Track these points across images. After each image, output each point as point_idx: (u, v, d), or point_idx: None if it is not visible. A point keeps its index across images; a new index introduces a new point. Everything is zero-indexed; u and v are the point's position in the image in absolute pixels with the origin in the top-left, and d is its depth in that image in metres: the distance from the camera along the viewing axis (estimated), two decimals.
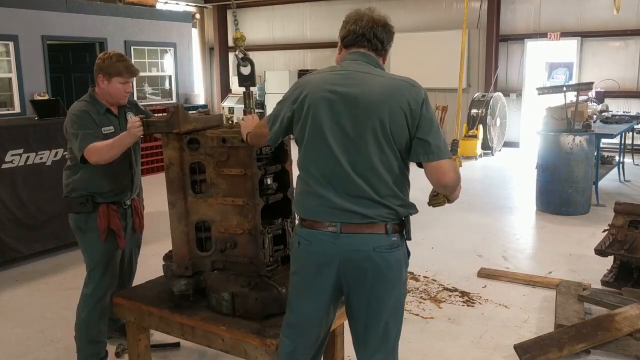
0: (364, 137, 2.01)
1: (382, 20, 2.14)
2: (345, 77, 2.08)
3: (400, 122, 2.01)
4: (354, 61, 2.13)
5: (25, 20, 9.29)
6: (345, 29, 2.15)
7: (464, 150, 10.79)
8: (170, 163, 2.68)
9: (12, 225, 4.97)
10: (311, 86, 2.11)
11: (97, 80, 3.12)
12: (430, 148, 2.01)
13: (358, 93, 2.02)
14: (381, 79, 2.08)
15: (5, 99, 9.48)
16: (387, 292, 2.11)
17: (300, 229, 2.16)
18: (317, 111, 2.06)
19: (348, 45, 2.17)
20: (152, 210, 6.41)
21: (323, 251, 2.09)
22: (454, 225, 6.33)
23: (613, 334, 3.30)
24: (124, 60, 3.15)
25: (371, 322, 2.15)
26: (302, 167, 2.15)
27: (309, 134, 2.08)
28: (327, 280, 2.12)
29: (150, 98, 11.61)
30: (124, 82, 3.13)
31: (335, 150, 2.04)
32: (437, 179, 2.06)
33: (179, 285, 2.72)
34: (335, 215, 2.06)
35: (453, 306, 4.17)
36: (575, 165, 6.48)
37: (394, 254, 2.09)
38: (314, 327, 2.23)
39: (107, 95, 3.14)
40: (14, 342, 3.71)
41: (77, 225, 3.17)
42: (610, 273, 4.37)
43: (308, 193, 2.12)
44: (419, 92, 2.04)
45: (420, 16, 12.50)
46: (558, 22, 11.08)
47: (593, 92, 9.60)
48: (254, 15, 14.90)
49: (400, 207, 2.09)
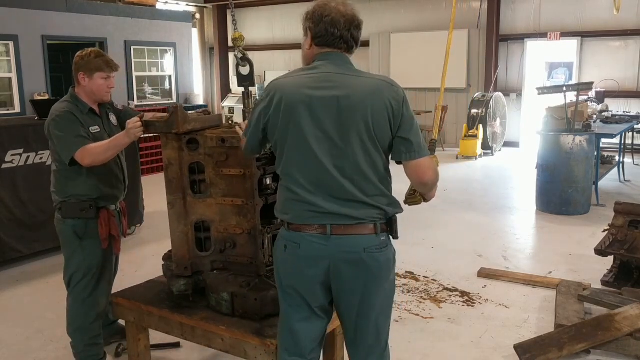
0: (349, 140, 1.99)
1: (357, 20, 2.08)
2: (322, 79, 2.02)
3: (383, 122, 1.99)
4: (328, 62, 2.07)
5: (25, 20, 9.28)
6: (319, 27, 2.04)
7: (464, 150, 10.79)
8: (169, 163, 2.69)
9: (12, 225, 4.97)
10: (287, 90, 2.03)
11: (78, 78, 3.06)
12: (412, 146, 2.02)
13: (339, 96, 1.98)
14: (360, 79, 2.04)
15: (5, 99, 9.47)
16: (378, 292, 2.10)
17: (287, 232, 2.10)
18: (297, 117, 2.00)
19: (322, 44, 2.08)
20: (152, 210, 6.42)
21: (313, 253, 2.05)
22: (454, 225, 6.33)
23: (613, 334, 3.30)
24: (102, 55, 3.11)
25: (363, 323, 2.14)
26: (286, 174, 2.08)
27: (291, 140, 2.03)
28: (317, 282, 2.09)
29: (150, 98, 11.60)
30: (106, 77, 3.08)
31: (321, 156, 2.00)
32: (418, 177, 2.06)
33: (178, 285, 2.72)
34: (324, 218, 2.03)
35: (453, 306, 4.17)
36: (575, 165, 6.48)
37: (384, 254, 2.08)
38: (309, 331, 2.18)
39: (89, 93, 3.08)
40: (14, 342, 3.71)
41: (73, 232, 3.07)
42: (611, 273, 4.37)
43: (293, 201, 2.06)
44: (398, 91, 2.03)
45: (420, 16, 12.50)
46: (558, 22, 11.07)
47: (593, 92, 9.59)
48: (254, 15, 14.90)
49: (388, 206, 2.08)
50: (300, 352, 2.17)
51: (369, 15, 13.11)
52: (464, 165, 10.22)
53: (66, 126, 2.94)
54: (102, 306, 3.23)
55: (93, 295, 3.16)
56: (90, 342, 3.21)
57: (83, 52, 3.11)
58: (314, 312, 2.16)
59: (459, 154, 10.88)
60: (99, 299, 3.20)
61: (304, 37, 2.15)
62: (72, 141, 2.91)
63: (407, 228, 6.26)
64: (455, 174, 9.37)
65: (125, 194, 3.31)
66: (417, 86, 12.09)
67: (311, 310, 2.15)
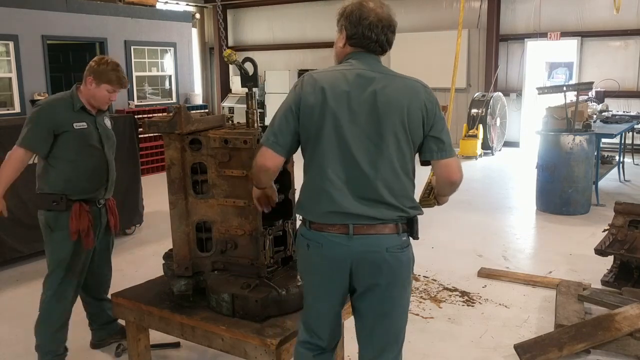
0: (385, 137, 2.00)
1: (393, 23, 2.09)
2: (360, 75, 2.04)
3: (417, 121, 2.03)
4: (361, 61, 2.09)
5: (25, 20, 9.27)
6: (356, 29, 2.05)
7: (464, 150, 10.80)
8: (171, 163, 2.69)
9: (12, 225, 4.96)
10: (325, 82, 2.03)
11: (86, 80, 3.11)
12: (443, 146, 2.06)
13: (376, 91, 2.01)
14: (396, 79, 2.08)
15: (5, 99, 9.46)
16: (400, 291, 2.13)
17: (309, 232, 2.11)
18: (335, 110, 2.00)
19: (357, 45, 2.10)
20: (152, 210, 6.42)
21: (335, 253, 2.06)
22: (454, 225, 6.33)
23: (613, 334, 3.31)
24: (118, 70, 3.14)
25: (381, 321, 2.15)
26: (317, 167, 2.06)
27: (327, 133, 2.02)
28: (340, 281, 2.11)
29: (151, 98, 11.59)
30: (112, 91, 3.13)
31: (355, 151, 2.00)
32: (448, 176, 2.09)
33: (179, 286, 2.72)
34: (347, 218, 2.02)
35: (453, 306, 4.18)
36: (575, 165, 6.48)
37: (406, 254, 2.10)
38: (328, 326, 2.22)
39: (90, 98, 3.13)
40: (14, 342, 3.71)
41: (46, 223, 3.13)
42: (610, 273, 4.37)
43: (319, 196, 2.05)
44: (432, 93, 2.09)
45: (420, 16, 12.50)
46: (558, 22, 11.07)
47: (593, 92, 9.60)
48: (254, 15, 14.90)
49: (411, 208, 2.09)
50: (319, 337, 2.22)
51: None
52: (464, 165, 10.12)
53: (37, 120, 3.06)
54: (69, 300, 3.22)
55: (61, 287, 3.17)
56: (51, 335, 3.20)
57: (102, 59, 3.15)
58: (335, 302, 2.18)
59: (459, 154, 10.88)
60: (66, 292, 3.19)
61: (337, 34, 2.15)
62: (25, 135, 3.05)
63: None
64: None
65: (109, 192, 3.29)
66: None
67: (332, 300, 2.17)
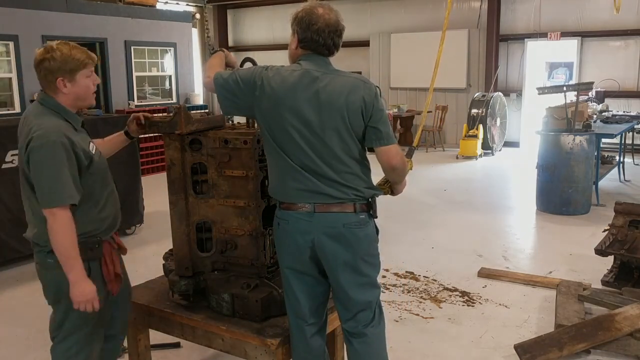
0: (327, 130, 2.25)
1: (339, 27, 2.32)
2: (306, 75, 2.28)
3: (357, 114, 2.26)
4: (310, 61, 2.33)
5: (25, 20, 9.27)
6: (306, 34, 2.30)
7: (465, 150, 10.80)
8: (172, 163, 2.68)
9: (12, 225, 4.96)
10: (276, 82, 2.27)
11: (58, 85, 2.30)
12: (381, 134, 2.29)
13: (319, 91, 2.24)
14: (339, 78, 2.30)
15: (5, 99, 9.46)
16: (360, 264, 2.36)
17: (279, 211, 2.39)
18: (282, 107, 2.25)
19: (307, 48, 2.34)
20: (152, 210, 6.43)
21: (299, 228, 2.32)
22: (454, 225, 6.33)
23: (613, 334, 3.31)
24: (76, 47, 2.34)
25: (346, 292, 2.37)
26: (275, 155, 2.33)
27: (276, 126, 2.28)
28: (306, 254, 2.35)
29: (151, 98, 11.59)
30: (90, 73, 2.36)
31: (302, 144, 2.26)
32: (387, 161, 2.32)
33: (179, 286, 2.72)
34: (309, 197, 2.30)
35: (453, 306, 4.18)
36: (576, 165, 6.48)
37: (363, 230, 2.33)
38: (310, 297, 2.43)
39: (75, 100, 2.37)
40: (14, 342, 3.71)
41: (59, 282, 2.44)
42: (611, 273, 4.37)
43: (284, 180, 2.33)
44: (371, 88, 2.31)
45: (420, 16, 12.50)
46: (558, 22, 11.08)
47: (593, 92, 9.60)
48: (254, 15, 14.90)
49: (366, 188, 2.34)
50: (304, 316, 2.43)
51: (369, 15, 13.12)
52: (464, 165, 10.23)
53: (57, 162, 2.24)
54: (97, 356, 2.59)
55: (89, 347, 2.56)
56: None
57: (45, 51, 2.28)
58: (313, 279, 2.42)
59: (459, 154, 10.89)
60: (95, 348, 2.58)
61: (291, 37, 2.41)
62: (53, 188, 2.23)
63: (407, 228, 6.29)
64: (455, 174, 9.38)
65: None
66: (417, 86, 12.08)
67: (310, 278, 2.41)
